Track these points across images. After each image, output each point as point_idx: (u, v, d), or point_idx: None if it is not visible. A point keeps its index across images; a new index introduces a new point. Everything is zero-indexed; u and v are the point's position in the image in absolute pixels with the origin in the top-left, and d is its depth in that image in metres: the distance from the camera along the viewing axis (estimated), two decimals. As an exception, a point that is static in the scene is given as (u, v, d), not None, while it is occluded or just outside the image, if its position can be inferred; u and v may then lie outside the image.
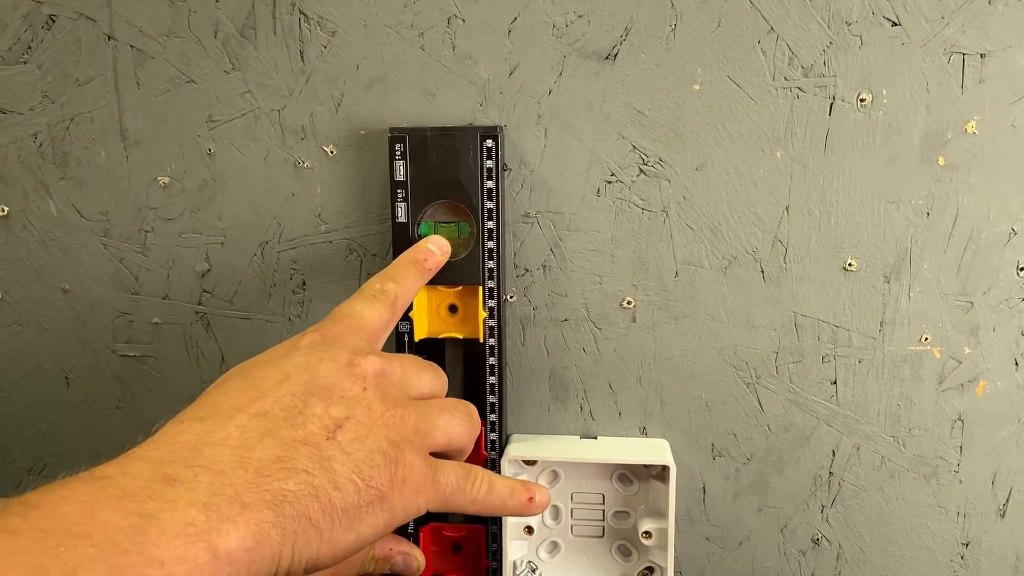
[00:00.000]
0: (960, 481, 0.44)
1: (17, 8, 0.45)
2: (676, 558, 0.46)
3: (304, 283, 0.46)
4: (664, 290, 0.44)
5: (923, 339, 0.43)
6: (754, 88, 0.42)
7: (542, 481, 0.46)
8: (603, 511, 0.46)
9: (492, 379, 0.44)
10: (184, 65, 0.45)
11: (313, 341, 0.34)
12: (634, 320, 0.44)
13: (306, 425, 0.30)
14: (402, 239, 0.43)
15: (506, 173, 0.44)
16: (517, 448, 0.44)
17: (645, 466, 0.45)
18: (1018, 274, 0.42)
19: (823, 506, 0.45)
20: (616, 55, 0.42)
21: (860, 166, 0.42)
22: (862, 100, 0.41)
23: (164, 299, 0.47)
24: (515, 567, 0.45)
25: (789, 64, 0.41)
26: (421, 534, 0.45)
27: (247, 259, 0.46)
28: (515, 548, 0.45)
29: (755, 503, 0.46)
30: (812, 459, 0.45)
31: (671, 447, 0.45)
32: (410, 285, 0.39)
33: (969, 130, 0.41)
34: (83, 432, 0.49)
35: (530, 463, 0.45)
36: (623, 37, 0.42)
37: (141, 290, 0.47)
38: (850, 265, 0.43)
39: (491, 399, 0.44)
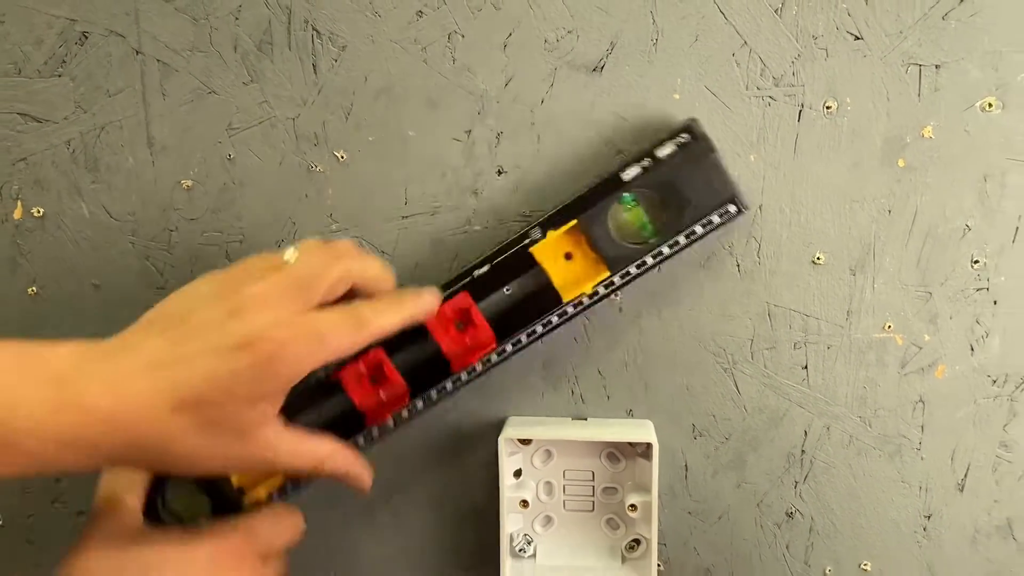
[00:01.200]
0: (922, 458, 0.48)
1: (52, 26, 0.49)
2: (660, 531, 0.49)
3: (317, 278, 0.50)
4: (648, 283, 0.48)
5: (886, 327, 0.47)
6: (729, 97, 0.46)
7: (536, 460, 0.49)
8: (593, 487, 0.49)
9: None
10: (206, 77, 0.49)
11: None
12: (621, 311, 0.48)
13: None
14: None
15: (501, 176, 0.48)
16: (513, 430, 0.48)
17: (631, 444, 0.48)
18: (972, 266, 0.46)
19: (796, 482, 0.49)
20: (603, 67, 0.46)
21: (827, 168, 0.46)
22: (828, 108, 0.45)
23: (188, 293, 0.51)
24: (512, 539, 0.49)
25: (761, 75, 0.45)
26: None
27: (264, 256, 0.50)
28: (512, 521, 0.49)
29: (733, 479, 0.49)
30: (785, 438, 0.48)
31: (655, 427, 0.48)
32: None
33: (926, 135, 0.45)
34: (112, 417, 0.53)
35: (525, 442, 0.49)
36: (609, 51, 0.46)
37: (167, 285, 0.51)
38: (818, 259, 0.47)
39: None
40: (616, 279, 0.45)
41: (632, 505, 0.47)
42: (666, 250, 0.44)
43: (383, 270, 0.42)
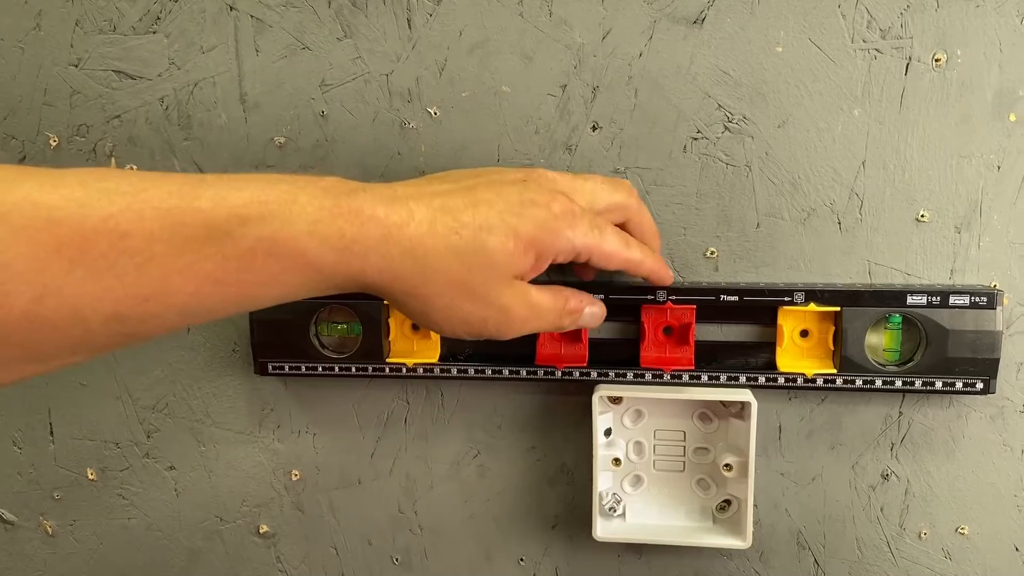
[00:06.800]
0: (1025, 421, 0.47)
1: (147, -18, 0.49)
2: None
3: (408, 235, 0.50)
4: (746, 241, 0.47)
5: (992, 286, 0.46)
6: (834, 50, 0.45)
7: (627, 420, 0.49)
8: (684, 447, 0.49)
9: None
10: (300, 33, 0.49)
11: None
12: (716, 269, 0.48)
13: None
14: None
15: (596, 132, 0.47)
16: (606, 388, 0.48)
17: (724, 404, 0.48)
18: (1085, 224, 0.44)
19: (892, 444, 0.48)
20: (704, 20, 0.45)
21: (934, 122, 0.45)
22: (937, 60, 0.44)
23: (279, 250, 0.51)
24: (601, 498, 0.49)
25: (868, 27, 0.44)
26: None
27: (356, 213, 0.50)
28: (603, 479, 0.49)
29: (828, 441, 0.49)
30: (883, 399, 0.48)
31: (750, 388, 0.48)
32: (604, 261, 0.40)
33: (1040, 88, 0.43)
34: (201, 373, 0.54)
35: (616, 401, 0.49)
36: (710, 3, 0.45)
37: (257, 242, 0.51)
38: (922, 216, 0.46)
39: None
40: (839, 380, 0.45)
41: (727, 465, 0.47)
42: (897, 383, 0.45)
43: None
